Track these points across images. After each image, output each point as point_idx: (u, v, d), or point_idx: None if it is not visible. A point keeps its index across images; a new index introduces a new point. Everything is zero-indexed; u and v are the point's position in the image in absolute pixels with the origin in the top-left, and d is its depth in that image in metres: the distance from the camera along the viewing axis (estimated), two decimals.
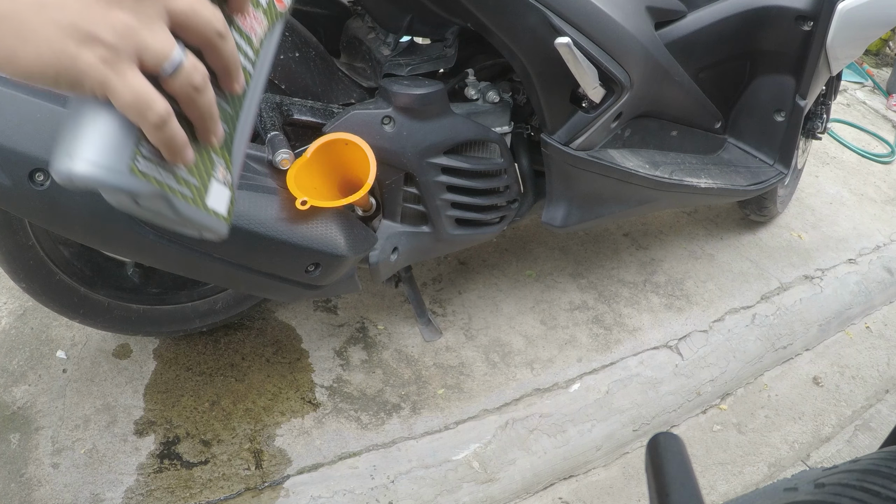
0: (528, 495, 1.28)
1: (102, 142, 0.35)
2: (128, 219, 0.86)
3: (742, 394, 1.57)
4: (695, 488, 0.44)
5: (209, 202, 0.42)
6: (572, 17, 1.04)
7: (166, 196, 0.38)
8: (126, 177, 0.36)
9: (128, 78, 0.34)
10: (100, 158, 0.35)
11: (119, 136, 0.36)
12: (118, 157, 0.36)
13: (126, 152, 0.36)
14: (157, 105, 0.35)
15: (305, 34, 1.06)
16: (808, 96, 1.48)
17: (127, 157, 0.36)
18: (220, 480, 1.16)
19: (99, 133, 0.35)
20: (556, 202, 1.29)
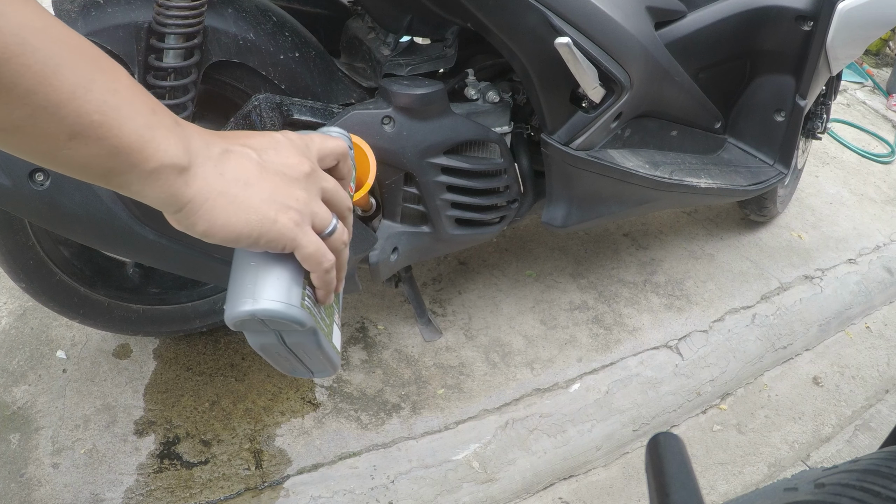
0: (528, 495, 1.28)
1: (280, 285, 0.47)
2: (128, 219, 0.86)
3: (742, 394, 1.57)
4: (695, 488, 0.44)
5: (333, 339, 0.54)
6: (572, 17, 1.04)
7: (315, 329, 0.50)
8: (298, 310, 0.47)
9: (310, 236, 0.47)
10: (280, 297, 0.46)
11: (292, 281, 0.47)
12: (293, 295, 0.47)
13: (297, 292, 0.47)
14: (329, 256, 0.48)
15: (305, 34, 1.06)
16: (808, 96, 1.48)
17: (298, 296, 0.47)
18: (220, 480, 1.16)
19: (277, 279, 0.47)
20: (556, 202, 1.29)
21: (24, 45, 0.33)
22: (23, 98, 0.34)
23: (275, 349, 0.51)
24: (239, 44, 0.97)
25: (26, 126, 0.35)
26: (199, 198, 0.42)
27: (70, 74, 0.35)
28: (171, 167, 0.40)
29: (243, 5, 0.98)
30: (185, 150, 0.41)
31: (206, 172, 0.43)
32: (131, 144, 0.38)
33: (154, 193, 0.41)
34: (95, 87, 0.37)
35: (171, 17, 0.87)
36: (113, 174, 0.39)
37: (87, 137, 0.37)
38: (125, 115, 0.38)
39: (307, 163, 0.49)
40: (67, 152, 0.37)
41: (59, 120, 0.35)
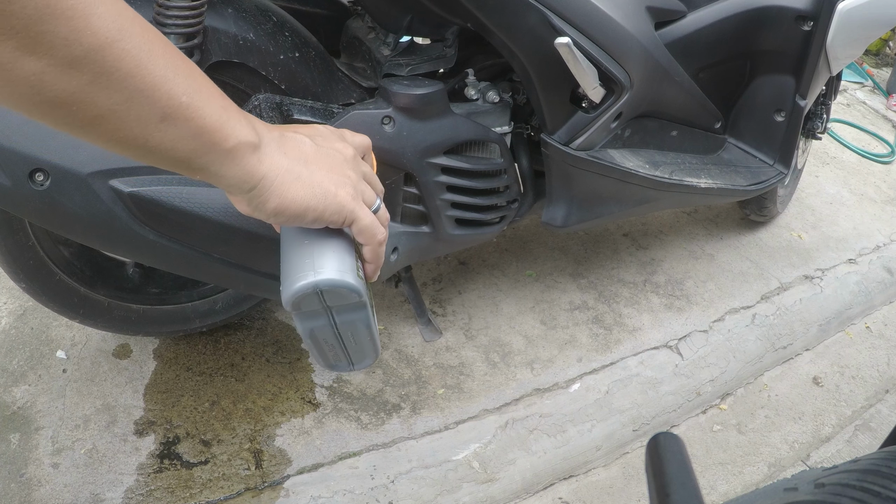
0: (528, 495, 1.28)
1: (337, 258, 0.50)
2: (128, 219, 0.86)
3: (742, 394, 1.57)
4: (695, 488, 0.44)
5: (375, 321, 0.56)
6: (572, 17, 1.04)
7: (367, 303, 0.52)
8: (355, 280, 0.50)
9: (365, 209, 0.51)
10: (339, 267, 0.50)
11: (347, 254, 0.51)
12: (350, 267, 0.51)
13: (352, 265, 0.51)
14: (381, 229, 0.53)
15: (305, 34, 1.06)
16: (808, 96, 1.47)
17: (353, 268, 0.51)
18: (220, 480, 1.16)
19: (333, 252, 0.50)
20: (556, 202, 1.29)
21: (122, 32, 0.35)
22: (122, 81, 0.36)
23: (324, 333, 0.54)
24: (239, 44, 0.97)
25: (122, 110, 0.37)
26: (271, 174, 0.45)
27: (161, 60, 0.38)
28: (247, 145, 0.43)
29: (243, 5, 0.98)
30: (255, 131, 0.45)
31: (273, 152, 0.46)
32: (213, 124, 0.41)
33: (232, 172, 0.43)
34: (180, 72, 0.39)
35: (170, 17, 0.87)
36: (196, 155, 0.41)
37: (176, 119, 0.39)
38: (205, 98, 0.41)
39: (350, 148, 0.53)
40: (158, 135, 0.39)
41: (153, 102, 0.38)
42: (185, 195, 0.86)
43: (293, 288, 0.49)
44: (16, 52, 0.32)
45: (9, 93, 0.34)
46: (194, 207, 0.87)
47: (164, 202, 0.86)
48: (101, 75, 0.35)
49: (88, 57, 0.34)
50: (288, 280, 0.50)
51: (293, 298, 0.49)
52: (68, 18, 0.32)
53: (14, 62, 0.32)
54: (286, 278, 0.50)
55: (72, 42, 0.33)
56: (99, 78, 0.35)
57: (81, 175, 0.81)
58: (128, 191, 0.83)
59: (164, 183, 0.86)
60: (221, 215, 0.88)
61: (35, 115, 0.36)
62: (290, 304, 0.50)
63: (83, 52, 0.34)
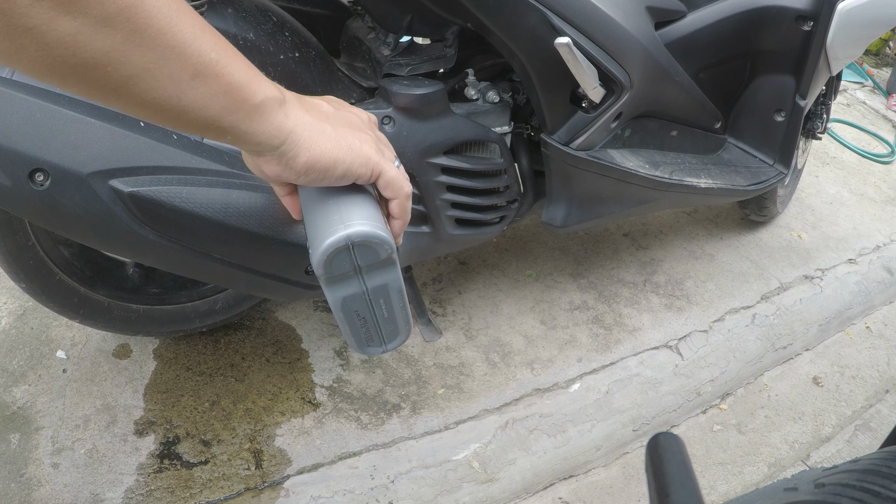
0: (528, 495, 1.27)
1: (366, 212, 0.50)
2: (128, 219, 0.86)
3: (742, 394, 1.57)
4: (695, 488, 0.44)
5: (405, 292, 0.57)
6: (572, 17, 1.04)
7: (396, 260, 0.52)
8: (385, 232, 0.50)
9: (390, 163, 0.52)
10: (369, 220, 0.50)
11: (376, 210, 0.52)
12: (379, 220, 0.51)
13: (381, 218, 0.51)
14: (407, 183, 0.54)
15: (305, 34, 1.06)
16: (808, 96, 1.47)
17: (382, 220, 0.51)
18: (220, 480, 1.16)
19: (361, 207, 0.51)
20: (556, 202, 1.29)
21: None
22: (155, 38, 0.36)
23: (355, 303, 0.54)
24: (239, 44, 0.96)
25: (155, 68, 0.37)
26: (298, 129, 0.46)
27: (188, 19, 0.38)
28: (273, 100, 0.44)
29: (243, 5, 0.98)
30: (278, 88, 0.46)
31: (297, 109, 0.47)
32: (241, 80, 0.42)
33: (261, 128, 0.44)
34: (206, 32, 0.40)
35: None
36: (226, 112, 0.42)
37: (206, 76, 0.40)
38: (231, 56, 0.42)
39: (364, 114, 0.55)
40: (191, 93, 0.40)
41: (185, 59, 0.38)
42: (185, 195, 0.86)
43: (325, 244, 0.48)
44: (51, 11, 0.32)
45: (44, 56, 0.34)
46: (194, 207, 0.87)
47: (164, 202, 0.85)
48: (135, 32, 0.35)
49: (122, 14, 0.34)
50: (318, 239, 0.49)
51: (325, 255, 0.49)
52: None
53: (50, 22, 0.32)
54: (315, 238, 0.49)
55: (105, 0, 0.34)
56: (132, 35, 0.35)
57: (81, 175, 0.81)
58: (128, 191, 0.83)
59: (164, 183, 0.85)
60: (221, 215, 0.88)
61: (70, 78, 0.36)
62: (322, 263, 0.49)
63: (117, 9, 0.34)
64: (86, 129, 0.80)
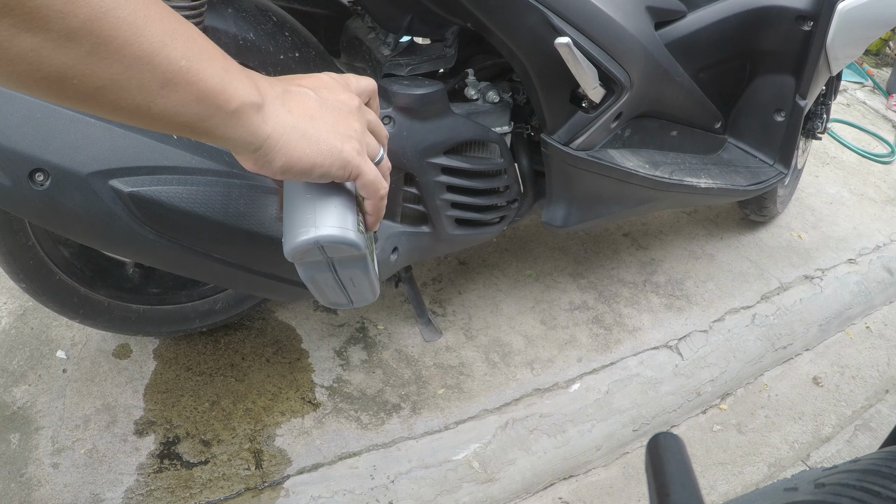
0: (528, 495, 1.28)
1: (338, 213, 0.51)
2: (128, 219, 0.86)
3: (742, 394, 1.57)
4: (695, 488, 0.44)
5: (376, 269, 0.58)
6: (572, 17, 1.04)
7: (365, 254, 0.53)
8: (355, 235, 0.51)
9: (369, 164, 0.51)
10: (339, 223, 0.50)
11: (347, 209, 0.52)
12: (350, 222, 0.51)
13: (352, 219, 0.52)
14: (384, 183, 0.53)
15: (305, 34, 1.06)
16: (808, 96, 1.47)
17: (353, 222, 0.52)
18: (220, 480, 1.16)
19: (334, 208, 0.51)
20: (556, 202, 1.29)
21: (117, 0, 0.35)
22: (120, 50, 0.36)
23: (325, 280, 0.56)
24: (239, 44, 0.97)
25: (122, 79, 0.37)
26: (276, 133, 0.45)
27: (158, 25, 0.37)
28: (250, 105, 0.43)
29: (243, 5, 0.98)
30: (257, 91, 0.45)
31: (277, 110, 0.46)
32: (214, 87, 0.41)
33: (237, 134, 0.44)
34: (178, 36, 0.39)
35: None
36: (200, 119, 0.41)
37: (177, 84, 0.39)
38: (206, 61, 0.40)
39: (356, 98, 0.53)
40: (161, 101, 0.39)
41: (152, 69, 0.37)
42: (185, 195, 0.86)
43: (295, 242, 0.50)
44: (11, 29, 0.32)
45: (8, 71, 0.34)
46: (194, 207, 0.87)
47: (164, 202, 0.86)
48: (99, 45, 0.35)
49: (84, 28, 0.34)
50: (290, 234, 0.51)
51: (294, 252, 0.51)
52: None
53: (11, 39, 0.32)
54: (288, 231, 0.51)
55: (67, 14, 0.33)
56: (96, 48, 0.35)
57: (81, 175, 0.81)
58: (128, 191, 0.83)
59: (164, 183, 0.86)
60: (221, 215, 0.88)
61: (36, 91, 0.36)
62: (292, 256, 0.51)
63: (79, 23, 0.34)
64: (86, 129, 0.80)
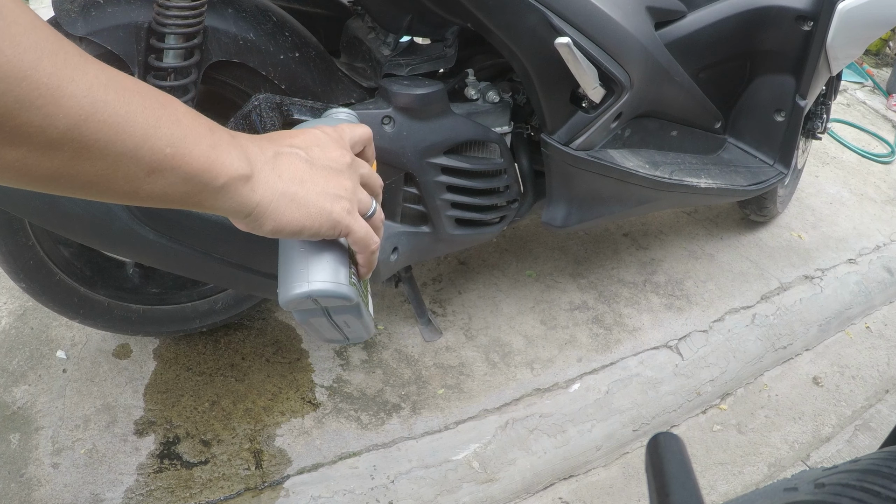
0: (528, 495, 1.28)
1: (330, 267, 0.52)
2: (128, 219, 0.86)
3: (742, 394, 1.57)
4: (695, 488, 0.44)
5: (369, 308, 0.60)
6: (572, 17, 1.04)
7: (359, 302, 0.55)
8: (347, 288, 0.53)
9: (359, 221, 0.52)
10: (330, 278, 0.52)
11: (339, 262, 0.53)
12: (342, 276, 0.53)
13: (344, 272, 0.53)
14: (375, 238, 0.54)
15: (305, 34, 1.06)
16: (808, 96, 1.47)
17: (345, 275, 0.53)
18: (220, 480, 1.16)
19: (326, 262, 0.52)
20: (556, 202, 1.29)
21: (96, 104, 0.35)
22: (103, 150, 0.37)
23: (319, 324, 0.58)
24: (239, 44, 0.97)
25: (108, 174, 0.38)
26: (265, 201, 0.46)
27: (140, 117, 0.38)
28: (238, 178, 0.44)
29: (243, 5, 0.98)
30: (247, 160, 0.45)
31: (267, 177, 0.47)
32: (201, 167, 0.42)
33: (227, 205, 0.45)
34: (162, 123, 0.39)
35: (171, 17, 0.87)
36: (189, 196, 0.43)
37: (163, 170, 0.40)
38: (191, 142, 0.41)
39: (347, 154, 0.54)
40: (148, 187, 0.40)
41: (137, 161, 0.38)
42: None
43: (288, 296, 0.52)
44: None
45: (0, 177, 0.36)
46: None
47: None
48: (82, 150, 0.36)
49: (66, 136, 0.35)
50: (283, 286, 0.53)
51: (288, 304, 0.53)
52: (38, 107, 0.33)
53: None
54: (282, 283, 0.53)
55: (46, 127, 0.34)
56: (80, 153, 0.36)
57: None
58: None
59: None
60: (221, 215, 0.88)
61: (32, 188, 0.38)
62: (286, 307, 0.53)
63: (59, 134, 0.34)
64: None
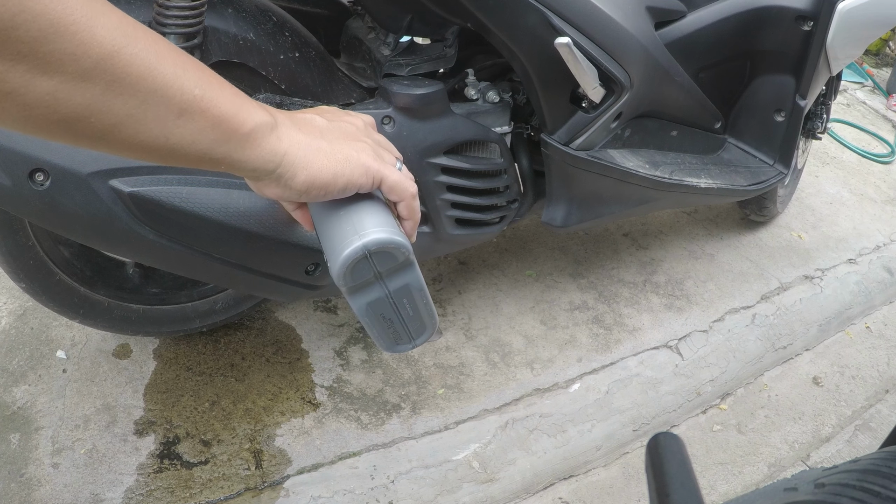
0: (528, 495, 1.28)
1: (378, 219, 0.50)
2: (128, 219, 0.86)
3: (742, 394, 1.57)
4: (695, 488, 0.44)
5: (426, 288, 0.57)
6: (572, 17, 1.04)
7: (414, 261, 0.53)
8: (399, 235, 0.50)
9: (390, 167, 0.52)
10: (382, 226, 0.50)
11: (386, 214, 0.52)
12: (392, 226, 0.51)
13: (392, 221, 0.52)
14: (411, 184, 0.54)
15: (305, 34, 1.06)
16: (808, 96, 1.47)
17: (395, 224, 0.52)
18: (220, 480, 1.16)
19: (372, 215, 0.50)
20: (556, 202, 1.29)
21: (127, 37, 0.36)
22: (135, 85, 0.37)
23: (380, 307, 0.54)
24: (239, 44, 0.97)
25: (138, 113, 0.38)
26: (293, 150, 0.47)
27: (169, 58, 0.39)
28: (264, 125, 0.45)
29: (243, 5, 0.98)
30: (268, 112, 0.46)
31: (289, 129, 0.47)
32: (228, 111, 0.42)
33: (254, 154, 0.45)
34: (189, 68, 0.40)
35: (170, 17, 0.87)
36: (217, 145, 0.43)
37: (192, 112, 0.40)
38: (217, 89, 0.42)
39: (360, 119, 0.55)
40: (178, 132, 0.40)
41: (168, 100, 0.39)
42: (185, 195, 0.86)
43: (343, 256, 0.49)
44: (27, 74, 0.33)
45: (25, 116, 0.34)
46: (194, 207, 0.87)
47: (164, 202, 0.86)
48: (114, 83, 0.36)
49: (99, 67, 0.35)
50: (335, 252, 0.50)
51: (344, 267, 0.49)
52: (73, 34, 0.33)
53: (27, 85, 0.33)
54: (332, 251, 0.50)
55: (80, 56, 0.34)
56: (112, 85, 0.36)
57: (81, 175, 0.81)
58: (128, 191, 0.83)
59: (164, 183, 0.86)
60: (221, 215, 0.88)
61: (54, 133, 0.36)
62: (342, 275, 0.50)
63: (92, 63, 0.34)
64: None
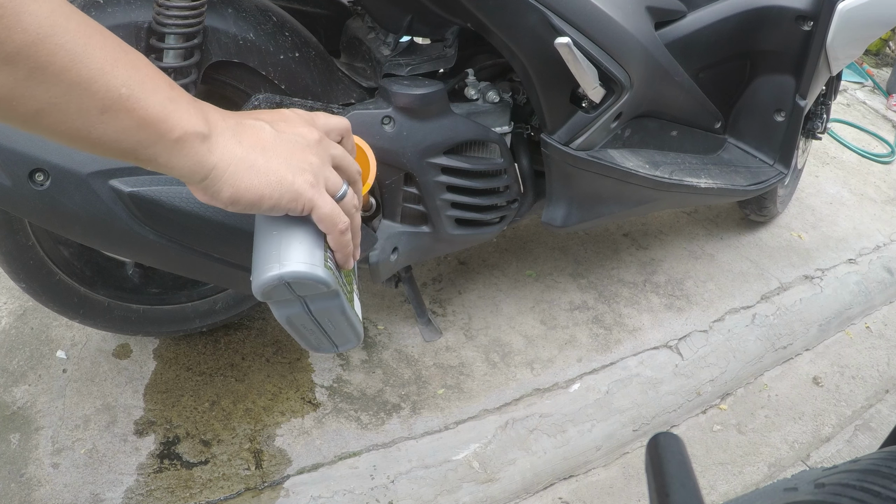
0: (528, 495, 1.28)
1: (303, 248, 0.49)
2: (128, 219, 0.86)
3: (742, 394, 1.57)
4: (695, 488, 0.44)
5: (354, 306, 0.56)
6: (572, 17, 1.04)
7: (338, 291, 0.51)
8: (322, 270, 0.49)
9: (325, 197, 0.50)
10: (304, 259, 0.48)
11: (314, 245, 0.50)
12: (316, 257, 0.49)
13: (319, 255, 0.50)
14: (343, 217, 0.51)
15: (305, 34, 1.06)
16: (808, 96, 1.47)
17: (320, 258, 0.50)
18: (220, 480, 1.16)
19: (299, 244, 0.49)
20: (556, 202, 1.29)
21: (55, 27, 0.36)
22: (58, 75, 0.37)
23: (300, 320, 0.54)
24: (239, 44, 0.97)
25: (61, 103, 0.38)
26: (223, 164, 0.45)
27: (97, 53, 0.38)
28: (194, 135, 0.43)
29: (243, 5, 0.98)
30: (205, 120, 0.45)
31: (226, 140, 0.46)
32: (157, 115, 0.41)
33: (181, 162, 0.44)
34: (120, 65, 0.39)
35: (170, 17, 0.87)
36: (142, 146, 0.42)
37: (117, 111, 0.40)
38: (149, 89, 0.41)
39: (316, 132, 0.52)
40: (101, 127, 0.40)
41: (91, 95, 0.38)
42: (185, 195, 0.86)
43: (259, 280, 0.49)
44: None
45: None
46: (194, 207, 0.87)
47: (164, 202, 0.86)
48: (36, 70, 0.36)
49: (22, 53, 0.35)
50: (256, 271, 0.50)
51: (261, 291, 0.49)
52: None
53: None
54: (255, 268, 0.50)
55: (3, 40, 0.34)
56: (34, 73, 0.36)
57: (81, 175, 0.81)
58: (128, 191, 0.83)
59: (164, 183, 0.86)
60: (221, 215, 0.88)
61: None
62: (260, 294, 0.50)
63: (15, 48, 0.35)
64: None
